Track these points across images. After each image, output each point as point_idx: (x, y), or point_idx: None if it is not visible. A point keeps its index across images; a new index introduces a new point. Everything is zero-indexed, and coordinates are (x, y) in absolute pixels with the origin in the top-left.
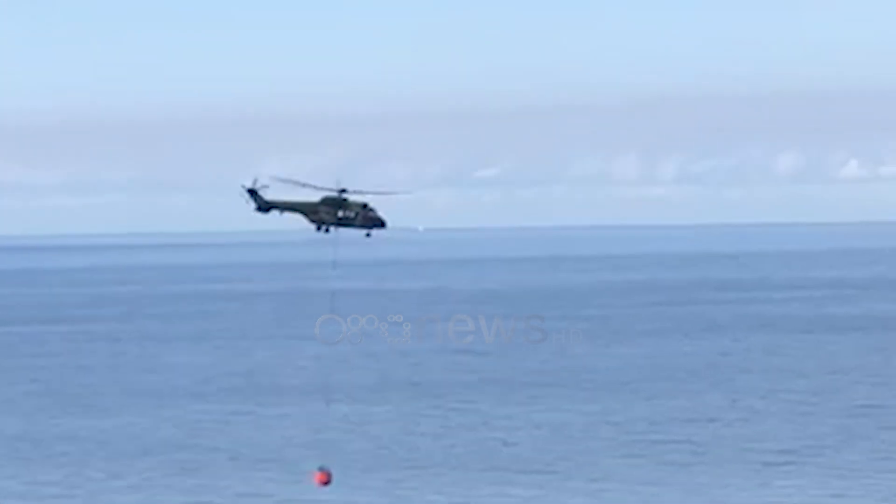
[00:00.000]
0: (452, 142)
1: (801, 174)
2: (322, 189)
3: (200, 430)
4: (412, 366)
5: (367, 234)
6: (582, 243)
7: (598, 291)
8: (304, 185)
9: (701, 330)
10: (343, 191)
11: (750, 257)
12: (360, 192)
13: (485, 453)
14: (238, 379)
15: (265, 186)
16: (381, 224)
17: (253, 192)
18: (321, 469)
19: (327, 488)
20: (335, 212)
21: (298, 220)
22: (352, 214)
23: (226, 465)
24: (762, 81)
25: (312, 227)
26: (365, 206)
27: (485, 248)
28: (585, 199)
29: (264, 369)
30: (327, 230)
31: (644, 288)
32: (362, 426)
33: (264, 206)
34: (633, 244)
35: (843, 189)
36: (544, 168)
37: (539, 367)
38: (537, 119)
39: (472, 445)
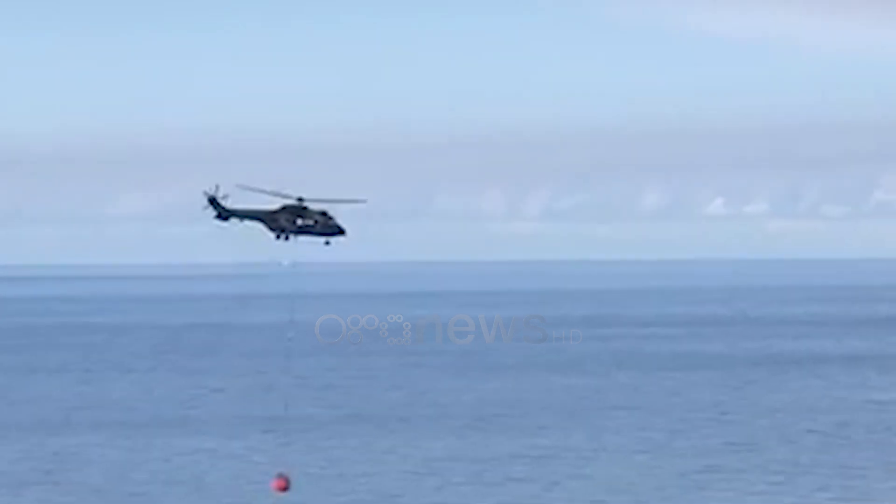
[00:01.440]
0: (316, 175)
1: (667, 211)
2: (282, 197)
3: (53, 463)
4: (276, 400)
5: (327, 242)
6: (449, 278)
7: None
8: (266, 193)
9: (565, 366)
10: (301, 199)
11: (615, 294)
12: (319, 200)
13: (346, 488)
14: (95, 412)
15: (226, 196)
16: (340, 231)
17: (213, 201)
18: (280, 475)
19: (285, 494)
20: (295, 219)
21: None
22: (311, 222)
23: (87, 498)
24: (628, 119)
25: (272, 235)
26: (324, 213)
27: (349, 283)
28: (453, 234)
29: (123, 402)
30: (287, 238)
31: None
32: (222, 461)
33: (224, 215)
34: (501, 280)
35: (708, 226)
36: (411, 202)
37: (403, 400)
38: (404, 153)
39: (333, 481)
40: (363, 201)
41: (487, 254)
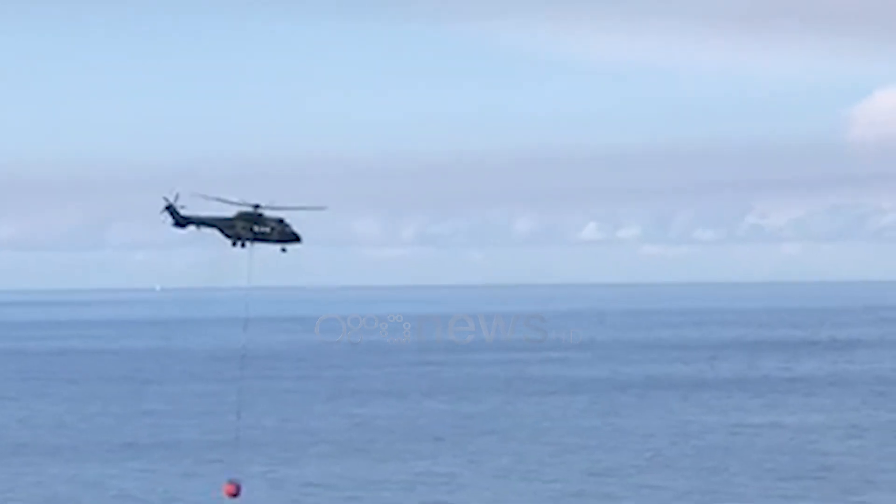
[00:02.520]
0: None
1: (540, 236)
2: (238, 204)
3: None
4: (148, 426)
5: (283, 249)
6: (324, 304)
7: (334, 352)
8: (221, 201)
9: (440, 391)
10: (258, 206)
11: (489, 318)
12: (276, 208)
13: None
14: None
15: (183, 207)
16: (296, 239)
17: (170, 208)
18: (230, 481)
19: (236, 501)
20: (251, 227)
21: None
22: (267, 229)
23: None
24: (502, 145)
25: (228, 242)
26: (281, 220)
27: (222, 308)
28: (327, 259)
29: None
30: (243, 245)
31: (382, 349)
32: (91, 488)
33: (181, 222)
34: (373, 305)
35: (581, 251)
36: None
37: (275, 426)
38: (275, 179)
39: None
40: (323, 208)
41: (363, 279)
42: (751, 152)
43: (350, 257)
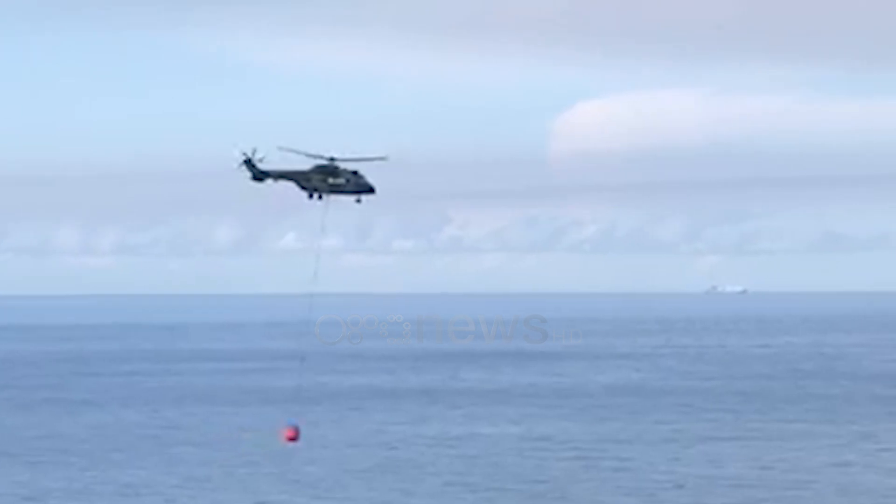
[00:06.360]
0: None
1: (240, 246)
2: (313, 157)
3: None
4: None
5: (358, 200)
6: (17, 313)
7: (27, 361)
8: (304, 155)
9: (136, 401)
10: (333, 159)
11: (188, 328)
12: (350, 160)
13: None
14: None
15: (261, 159)
16: (370, 190)
17: (249, 162)
18: (289, 425)
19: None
20: (327, 179)
21: None
22: (343, 181)
23: None
24: (201, 154)
25: (304, 194)
26: (355, 172)
27: None
28: (25, 269)
29: None
30: (320, 197)
31: (78, 358)
32: None
33: (259, 176)
34: (71, 314)
35: (282, 260)
36: None
37: None
38: None
39: None
40: (384, 158)
41: (61, 289)
42: (449, 162)
43: (49, 266)
